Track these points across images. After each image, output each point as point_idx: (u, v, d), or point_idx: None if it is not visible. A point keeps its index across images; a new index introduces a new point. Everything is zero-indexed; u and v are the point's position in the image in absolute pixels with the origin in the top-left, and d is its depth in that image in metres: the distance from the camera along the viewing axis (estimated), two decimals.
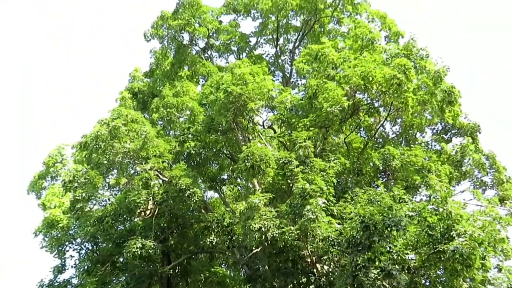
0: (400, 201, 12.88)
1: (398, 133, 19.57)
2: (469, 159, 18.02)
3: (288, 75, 23.60)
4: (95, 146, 16.13)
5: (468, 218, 12.00)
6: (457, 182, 18.48)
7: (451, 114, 18.32)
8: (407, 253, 11.85)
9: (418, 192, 17.08)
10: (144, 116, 19.25)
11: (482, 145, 18.79)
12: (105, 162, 16.38)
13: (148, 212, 17.42)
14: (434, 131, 19.72)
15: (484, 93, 45.34)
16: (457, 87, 17.22)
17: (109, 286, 16.60)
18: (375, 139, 18.64)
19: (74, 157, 20.72)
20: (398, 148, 17.06)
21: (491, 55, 50.58)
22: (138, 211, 16.77)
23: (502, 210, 17.07)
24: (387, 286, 12.46)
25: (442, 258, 11.13)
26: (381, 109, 17.42)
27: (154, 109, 19.63)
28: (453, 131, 19.24)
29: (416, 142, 19.18)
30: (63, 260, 19.09)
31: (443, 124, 19.23)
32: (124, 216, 16.90)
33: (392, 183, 16.02)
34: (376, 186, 15.51)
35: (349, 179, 16.68)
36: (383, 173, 16.94)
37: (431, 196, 14.18)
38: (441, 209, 11.72)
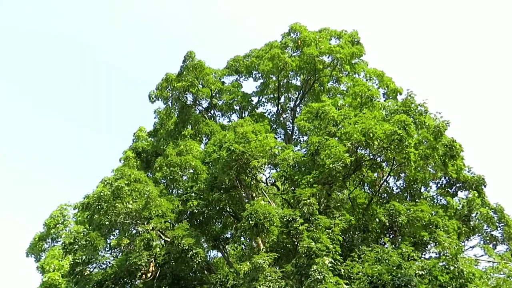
0: (409, 258, 12.52)
1: (402, 188, 19.42)
2: (477, 213, 17.71)
3: (290, 133, 23.97)
4: (97, 207, 16.03)
5: (481, 275, 11.62)
6: (466, 237, 18.03)
7: (454, 168, 18.30)
8: None
9: (426, 248, 16.60)
10: (147, 175, 19.33)
11: (488, 198, 18.57)
12: (107, 223, 16.20)
13: (149, 274, 16.90)
14: (439, 185, 19.58)
15: (487, 145, 45.61)
16: (459, 141, 17.38)
17: None
18: (380, 195, 18.47)
19: (76, 217, 20.55)
20: (403, 203, 16.87)
21: (492, 107, 51.53)
22: (139, 273, 16.28)
23: None
24: None
25: None
26: (383, 164, 17.45)
27: (158, 168, 19.74)
28: (457, 185, 19.10)
29: (421, 197, 18.98)
30: None
31: (447, 178, 19.14)
32: (125, 279, 16.40)
33: (400, 240, 15.65)
34: (383, 243, 15.13)
35: (355, 236, 16.33)
36: (389, 229, 16.59)
37: (440, 253, 13.80)
38: (452, 267, 11.36)
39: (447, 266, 11.56)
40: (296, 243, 14.01)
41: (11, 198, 53.28)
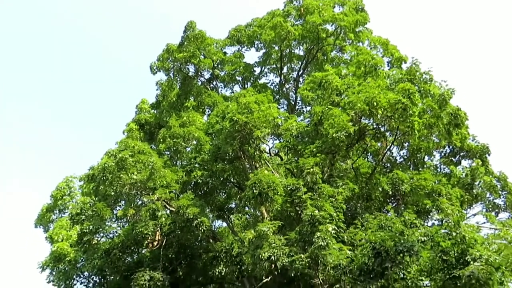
0: (412, 226, 12.67)
1: (406, 157, 19.44)
2: (480, 181, 17.78)
3: (293, 103, 23.80)
4: (102, 178, 16.19)
5: (483, 242, 11.72)
6: (469, 205, 18.17)
7: (458, 136, 18.24)
8: (422, 280, 11.52)
9: (429, 216, 16.76)
10: (151, 147, 19.39)
11: (492, 167, 18.58)
12: (112, 193, 16.38)
13: (155, 243, 17.23)
14: (442, 154, 19.58)
15: (493, 113, 45.26)
16: (464, 109, 17.23)
17: None
18: (383, 164, 18.51)
19: (81, 189, 20.78)
20: (406, 172, 16.91)
21: (498, 76, 50.80)
22: (146, 242, 16.60)
23: None
24: None
25: (458, 284, 10.77)
26: (387, 133, 17.36)
27: (161, 140, 19.77)
28: (461, 154, 19.10)
29: (425, 166, 19.04)
30: None
31: (451, 147, 19.12)
32: (132, 248, 16.74)
33: (403, 208, 15.79)
34: (386, 212, 15.30)
35: (359, 204, 16.47)
36: (392, 198, 16.71)
37: (443, 220, 13.93)
38: (454, 233, 11.45)
39: (449, 233, 11.66)
40: (299, 211, 14.15)
41: (15, 169, 53.98)
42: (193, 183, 18.18)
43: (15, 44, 58.06)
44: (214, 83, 24.26)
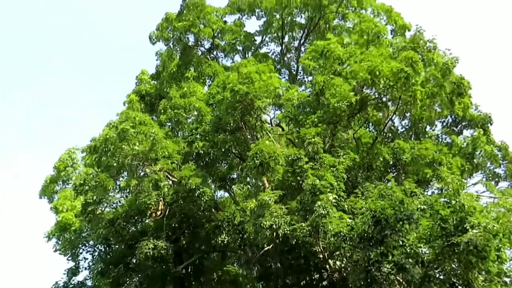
0: (412, 195, 12.76)
1: (407, 127, 19.41)
2: (481, 151, 17.81)
3: (294, 73, 23.53)
4: (104, 149, 16.27)
5: (482, 210, 11.85)
6: (469, 174, 18.28)
7: (461, 106, 18.14)
8: (420, 247, 11.73)
9: (429, 185, 16.93)
10: (152, 118, 19.33)
11: (494, 136, 18.57)
12: (115, 164, 16.49)
13: (159, 213, 17.51)
14: (444, 124, 19.53)
15: (496, 82, 44.78)
16: (467, 78, 17.03)
17: (123, 287, 16.68)
18: (384, 134, 18.50)
19: (84, 160, 20.89)
20: (407, 142, 16.92)
21: (502, 44, 49.93)
22: (149, 212, 16.87)
23: None
24: (401, 280, 12.37)
25: (456, 251, 10.99)
26: (389, 103, 17.26)
27: (162, 111, 19.70)
28: (463, 123, 19.04)
29: (426, 136, 19.02)
30: (76, 263, 19.29)
31: (453, 116, 19.04)
32: (135, 217, 17.02)
33: (403, 178, 15.89)
34: (386, 181, 15.39)
35: (359, 174, 16.58)
36: (393, 167, 16.82)
37: (443, 189, 14.05)
38: (453, 202, 11.58)
39: (448, 201, 11.79)
40: (300, 181, 14.26)
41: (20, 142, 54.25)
42: (194, 154, 18.25)
43: (11, 13, 56.99)
44: (215, 53, 23.90)
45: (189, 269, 19.67)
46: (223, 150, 19.06)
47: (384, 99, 16.81)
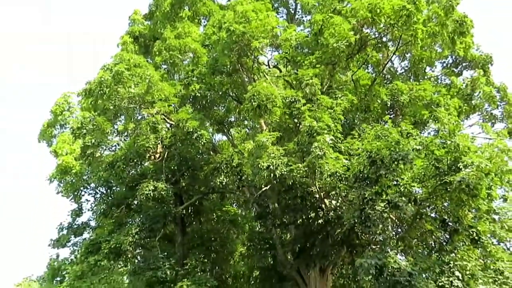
0: (408, 136, 12.85)
1: (406, 68, 19.13)
2: (480, 92, 17.71)
3: (292, 12, 22.69)
4: (99, 92, 16.07)
5: (476, 150, 12.00)
6: (466, 116, 18.33)
7: (462, 46, 17.74)
8: (414, 186, 12.01)
9: (426, 127, 17.01)
10: (147, 60, 18.93)
11: (493, 78, 18.38)
12: (111, 107, 16.39)
13: (157, 156, 17.71)
14: (444, 64, 19.24)
15: (499, 22, 43.46)
16: (470, 16, 16.49)
17: (126, 227, 17.29)
18: (383, 75, 18.25)
19: (80, 104, 20.74)
20: (406, 83, 16.74)
21: None
22: (148, 155, 17.04)
23: (511, 142, 17.06)
24: (393, 218, 12.83)
25: (449, 189, 11.27)
26: (389, 43, 16.85)
27: (157, 53, 19.24)
28: (464, 64, 18.78)
29: (426, 77, 18.80)
30: (79, 204, 19.83)
31: (453, 57, 18.72)
32: (135, 160, 17.23)
33: (400, 119, 15.92)
34: (384, 123, 15.44)
35: (357, 116, 16.58)
36: (391, 110, 16.78)
37: (439, 130, 14.12)
38: (448, 142, 11.69)
39: (444, 141, 11.91)
40: (298, 123, 14.27)
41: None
42: (191, 96, 18.09)
43: None
44: None
45: (189, 210, 20.32)
46: (220, 93, 18.86)
47: (384, 39, 16.38)
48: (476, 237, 11.80)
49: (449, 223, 11.88)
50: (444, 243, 12.13)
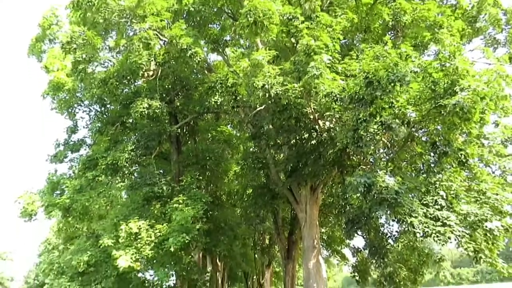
0: (407, 58, 12.56)
1: None
2: (485, 14, 17.00)
3: None
4: (88, 4, 15.24)
5: (475, 74, 11.82)
6: (468, 40, 17.81)
7: None
8: (408, 108, 12.02)
9: (426, 50, 16.57)
10: None
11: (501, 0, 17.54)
12: (101, 21, 15.64)
13: (151, 73, 17.36)
14: None
15: None
16: None
17: (121, 144, 17.46)
18: None
19: (69, 18, 19.76)
20: (410, 2, 15.96)
21: None
22: (141, 72, 16.66)
23: (510, 68, 16.82)
24: (385, 141, 13.02)
25: (443, 113, 11.29)
26: None
27: None
28: None
29: None
30: (74, 121, 19.83)
31: None
32: (128, 77, 16.89)
33: (401, 41, 15.45)
34: (384, 44, 14.99)
35: (356, 36, 16.04)
36: (392, 30, 16.22)
37: (439, 53, 13.78)
38: (448, 64, 11.46)
39: (443, 64, 11.67)
40: (295, 42, 13.83)
41: None
42: (185, 12, 17.29)
43: None
44: None
45: (184, 129, 20.46)
46: (215, 9, 18.01)
47: None
48: (463, 160, 12.09)
49: (439, 146, 12.06)
50: (432, 165, 12.44)
